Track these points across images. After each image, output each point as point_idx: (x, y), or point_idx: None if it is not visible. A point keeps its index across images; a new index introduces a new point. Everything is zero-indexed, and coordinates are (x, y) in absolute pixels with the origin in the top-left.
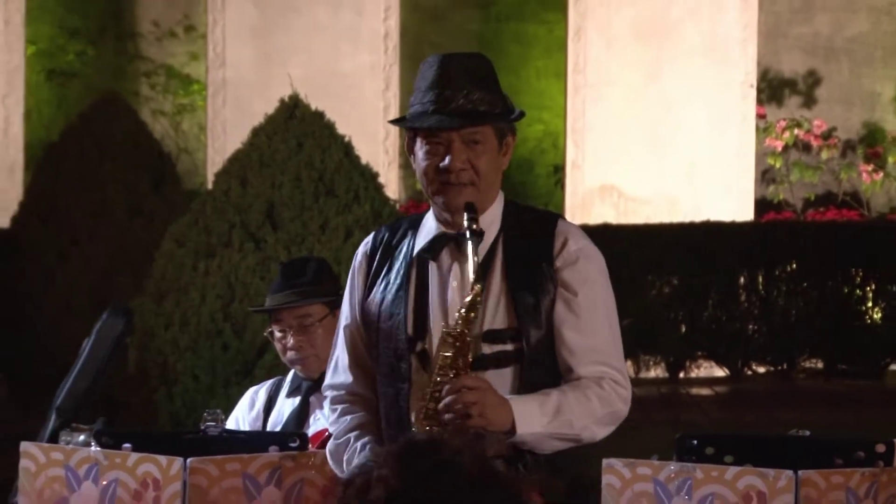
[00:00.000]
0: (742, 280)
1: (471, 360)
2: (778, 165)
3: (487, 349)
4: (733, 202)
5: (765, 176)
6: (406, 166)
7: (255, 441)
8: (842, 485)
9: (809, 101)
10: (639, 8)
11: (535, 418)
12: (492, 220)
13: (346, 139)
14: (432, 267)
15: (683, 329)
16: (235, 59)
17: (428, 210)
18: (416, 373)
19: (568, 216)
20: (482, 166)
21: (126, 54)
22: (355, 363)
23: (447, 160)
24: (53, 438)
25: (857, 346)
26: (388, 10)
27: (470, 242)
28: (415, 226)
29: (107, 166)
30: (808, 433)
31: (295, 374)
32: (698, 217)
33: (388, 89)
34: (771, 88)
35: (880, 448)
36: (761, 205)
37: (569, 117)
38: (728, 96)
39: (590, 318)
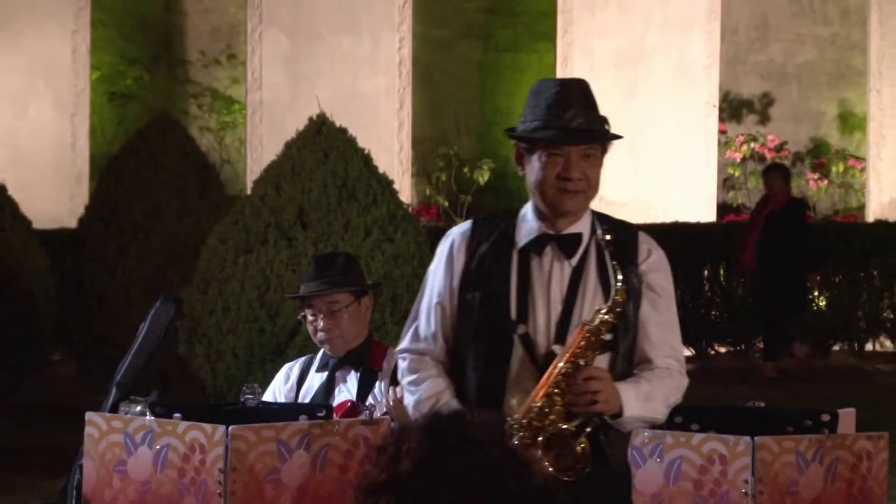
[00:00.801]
0: (706, 273)
1: (598, 353)
2: (737, 174)
3: None
4: (699, 206)
5: (726, 183)
6: (417, 174)
7: (287, 411)
8: (792, 449)
9: (764, 119)
10: (617, 39)
11: (634, 403)
12: (588, 224)
13: (366, 152)
14: (535, 261)
15: None
16: (270, 82)
17: (519, 209)
18: (517, 354)
19: None
20: (593, 177)
21: (177, 79)
22: (442, 335)
23: (568, 170)
24: (114, 409)
25: (806, 328)
26: (402, 41)
27: (607, 251)
28: (511, 221)
29: (160, 175)
30: (763, 405)
31: (324, 352)
32: (668, 219)
33: (401, 109)
34: (731, 108)
35: (825, 417)
36: (723, 208)
37: None
38: (694, 115)
39: (668, 316)
